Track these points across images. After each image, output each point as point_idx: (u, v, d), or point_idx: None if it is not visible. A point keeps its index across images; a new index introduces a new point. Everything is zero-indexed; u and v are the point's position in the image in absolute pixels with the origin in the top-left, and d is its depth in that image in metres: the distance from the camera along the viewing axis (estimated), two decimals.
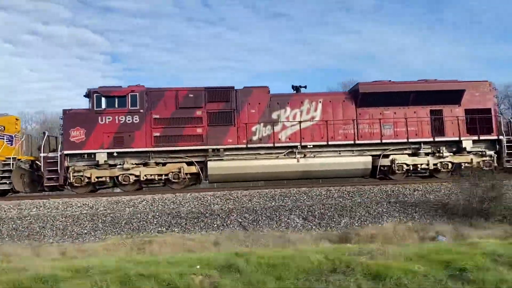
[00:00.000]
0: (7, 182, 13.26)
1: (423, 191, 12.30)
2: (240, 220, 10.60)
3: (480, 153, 14.29)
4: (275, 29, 71.99)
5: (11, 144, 14.67)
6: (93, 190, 14.04)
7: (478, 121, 14.33)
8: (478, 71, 63.48)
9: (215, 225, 10.44)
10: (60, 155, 13.07)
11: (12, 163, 13.22)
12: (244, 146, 13.70)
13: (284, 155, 13.96)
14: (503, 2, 67.13)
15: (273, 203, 11.52)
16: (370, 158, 13.96)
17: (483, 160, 14.27)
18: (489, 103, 14.65)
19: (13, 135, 14.89)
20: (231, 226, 10.39)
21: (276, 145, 13.85)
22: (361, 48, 66.69)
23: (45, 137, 13.95)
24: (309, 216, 10.76)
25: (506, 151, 14.21)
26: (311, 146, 13.93)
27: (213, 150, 13.63)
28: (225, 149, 13.73)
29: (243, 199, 11.89)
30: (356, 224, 10.31)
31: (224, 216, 10.77)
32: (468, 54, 65.85)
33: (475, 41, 67.09)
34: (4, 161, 13.38)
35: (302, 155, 13.92)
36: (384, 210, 11.07)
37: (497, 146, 14.36)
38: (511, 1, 65.48)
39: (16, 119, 15.69)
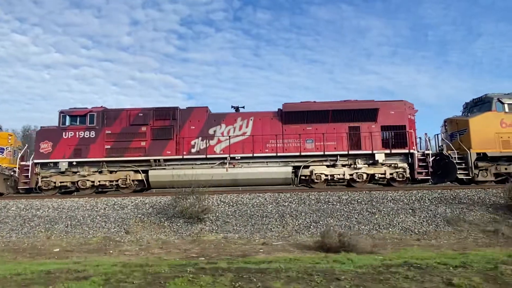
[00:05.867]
0: None
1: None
2: None
3: (393, 165, 15.71)
4: (311, 71, 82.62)
5: (2, 154, 18.06)
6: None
7: (392, 136, 15.84)
8: None
9: None
10: (32, 163, 16.07)
11: None
12: (181, 157, 16.06)
13: (217, 165, 16.14)
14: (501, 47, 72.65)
15: None
16: (290, 169, 15.79)
17: (396, 172, 15.67)
18: (404, 120, 16.06)
19: (4, 148, 18.27)
20: None
21: (209, 156, 16.08)
22: (381, 85, 78.13)
23: (24, 148, 17.15)
24: None
25: (418, 164, 15.54)
26: (239, 158, 16.01)
27: (155, 160, 16.09)
28: (166, 160, 16.14)
29: None
30: None
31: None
32: (472, 89, 72.33)
33: (476, 77, 73.63)
34: None
35: (232, 166, 16.03)
36: None
37: (410, 159, 15.73)
38: (506, 45, 75.96)
39: (9, 135, 19.10)
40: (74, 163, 16.08)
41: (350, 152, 15.75)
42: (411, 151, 15.61)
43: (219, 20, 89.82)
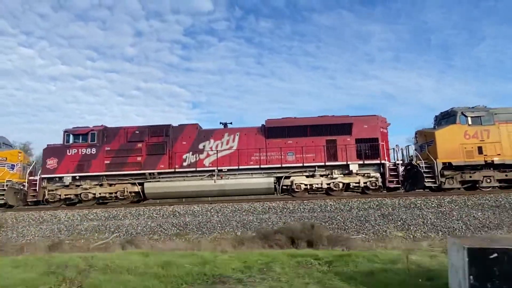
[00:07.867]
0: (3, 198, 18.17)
1: None
2: None
3: (366, 174, 17.12)
4: (313, 78, 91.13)
5: (13, 170, 19.82)
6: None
7: (365, 148, 17.27)
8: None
9: None
10: (39, 178, 17.78)
11: (7, 184, 18.13)
12: (173, 170, 17.64)
13: (206, 177, 17.68)
14: (503, 49, 79.55)
15: None
16: (272, 179, 17.26)
17: (370, 181, 17.07)
18: (377, 133, 17.49)
19: (15, 164, 20.04)
20: None
21: (198, 169, 17.62)
22: (384, 90, 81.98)
23: (33, 164, 18.91)
24: None
25: (389, 173, 16.93)
26: (226, 170, 17.54)
27: (150, 173, 17.69)
28: (160, 173, 17.73)
29: None
30: None
31: None
32: (476, 92, 77.07)
33: (481, 80, 79.64)
34: (2, 182, 18.39)
35: (220, 177, 17.55)
36: None
37: (382, 169, 17.12)
38: (509, 47, 78.87)
39: (19, 152, 20.88)
40: (77, 177, 17.72)
41: (327, 163, 17.19)
42: (383, 161, 17.02)
43: (221, 29, 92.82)
